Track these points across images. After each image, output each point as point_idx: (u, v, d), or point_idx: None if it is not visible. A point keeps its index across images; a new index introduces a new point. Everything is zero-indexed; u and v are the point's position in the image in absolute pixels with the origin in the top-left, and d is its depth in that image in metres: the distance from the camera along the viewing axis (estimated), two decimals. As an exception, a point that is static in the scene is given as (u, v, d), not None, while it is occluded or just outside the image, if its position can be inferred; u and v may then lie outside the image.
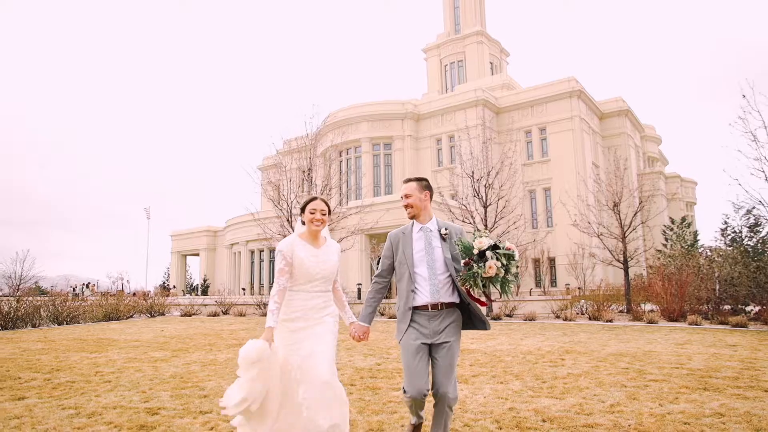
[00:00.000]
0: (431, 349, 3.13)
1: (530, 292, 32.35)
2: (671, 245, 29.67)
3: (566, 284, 31.22)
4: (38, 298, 16.46)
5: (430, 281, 3.11)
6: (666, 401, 4.81)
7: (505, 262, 2.95)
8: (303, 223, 3.29)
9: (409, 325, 3.14)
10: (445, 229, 3.24)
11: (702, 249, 21.99)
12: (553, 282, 34.98)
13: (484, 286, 2.98)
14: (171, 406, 4.80)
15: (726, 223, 16.83)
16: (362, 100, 53.81)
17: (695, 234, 32.75)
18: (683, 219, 33.23)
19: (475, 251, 2.97)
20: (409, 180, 3.35)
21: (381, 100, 40.71)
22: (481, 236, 3.02)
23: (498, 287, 3.00)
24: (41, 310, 14.87)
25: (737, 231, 16.42)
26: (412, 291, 3.14)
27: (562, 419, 4.24)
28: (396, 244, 3.28)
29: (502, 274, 2.95)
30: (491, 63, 52.91)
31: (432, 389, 3.13)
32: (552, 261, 35.32)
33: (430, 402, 3.31)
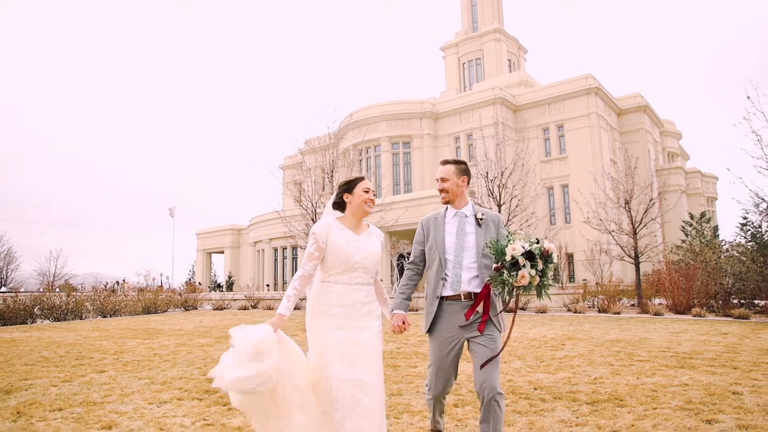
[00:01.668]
0: (469, 342, 2.89)
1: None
2: (690, 240, 29.96)
3: (583, 279, 31.68)
4: (85, 293, 17.79)
5: (454, 269, 2.92)
6: (643, 376, 5.63)
7: (541, 267, 2.68)
8: (337, 206, 2.94)
9: (439, 316, 2.93)
10: (482, 215, 3.02)
11: (723, 244, 22.37)
12: (571, 277, 35.42)
13: (513, 293, 2.73)
14: (225, 377, 5.79)
15: (745, 218, 17.22)
16: (381, 98, 54.74)
17: (715, 229, 32.85)
18: (702, 214, 33.30)
19: (508, 257, 2.67)
20: (446, 162, 3.10)
21: (399, 100, 41.53)
22: (515, 240, 2.73)
23: (534, 292, 2.75)
24: (87, 304, 16.18)
25: (757, 226, 16.79)
26: (443, 279, 2.93)
27: (551, 388, 5.10)
28: (428, 229, 3.09)
29: (536, 282, 2.69)
30: (509, 60, 53.26)
31: (475, 387, 2.85)
32: (570, 257, 35.78)
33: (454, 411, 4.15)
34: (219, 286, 48.99)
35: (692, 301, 14.68)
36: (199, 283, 47.72)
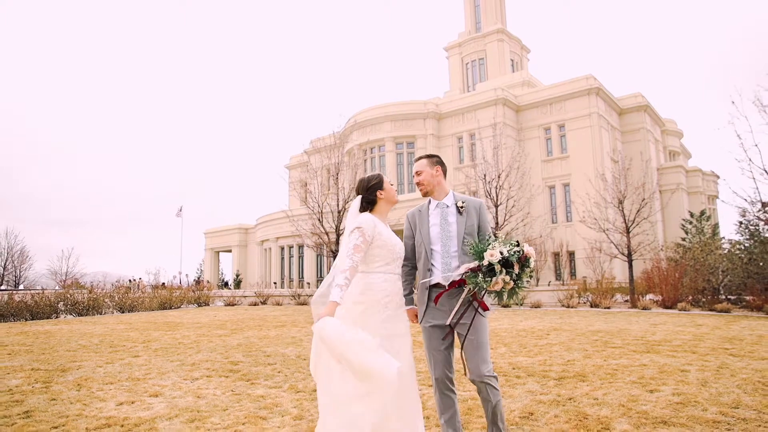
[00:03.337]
0: (456, 331, 2.99)
1: (549, 283, 33.67)
2: (690, 238, 30.61)
3: (583, 276, 32.39)
4: (105, 290, 18.75)
5: (443, 258, 3.01)
6: (611, 359, 6.42)
7: (517, 272, 2.77)
8: (369, 204, 3.06)
9: (427, 306, 3.02)
10: (462, 203, 3.11)
11: (722, 241, 23.02)
12: (573, 275, 36.14)
13: (484, 294, 2.86)
14: (245, 360, 6.64)
15: (743, 216, 17.86)
16: (386, 98, 55.60)
17: (715, 227, 33.46)
18: (702, 212, 33.96)
19: (485, 262, 2.77)
20: (419, 158, 3.25)
21: (403, 101, 42.33)
22: (494, 246, 2.80)
23: (505, 295, 2.87)
24: (107, 300, 17.12)
25: (754, 224, 17.42)
26: (429, 270, 3.03)
27: (527, 368, 5.91)
28: (414, 223, 3.19)
29: (510, 286, 2.79)
30: (512, 60, 53.97)
31: (468, 376, 2.97)
32: (571, 254, 36.50)
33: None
34: (226, 284, 50.02)
35: (681, 296, 15.42)
36: (208, 281, 48.82)
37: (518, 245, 2.81)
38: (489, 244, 2.81)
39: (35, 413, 4.12)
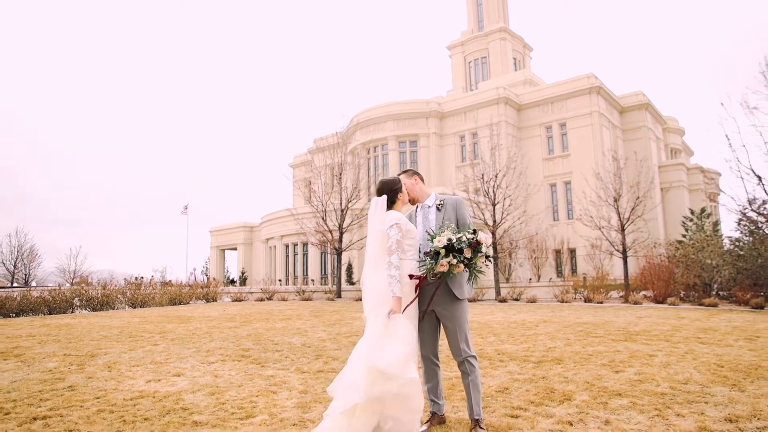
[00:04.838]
0: (439, 318, 3.45)
1: (550, 280, 34.20)
2: (690, 235, 31.08)
3: (583, 273, 32.89)
4: (118, 287, 19.47)
5: (424, 252, 3.40)
6: (589, 346, 7.01)
7: (469, 256, 3.10)
8: (391, 204, 3.45)
9: (416, 294, 3.38)
10: (440, 201, 3.54)
11: (723, 239, 23.47)
12: (574, 272, 36.67)
13: (437, 275, 3.20)
14: (255, 348, 7.27)
15: (743, 213, 18.31)
16: (389, 97, 56.10)
17: (715, 224, 33.89)
18: (702, 209, 34.39)
19: (432, 248, 3.14)
20: (398, 176, 3.73)
21: (406, 100, 42.90)
22: (443, 233, 3.15)
23: (454, 276, 3.22)
24: (120, 296, 17.82)
25: (752, 221, 17.87)
26: (418, 262, 3.44)
27: (511, 353, 6.51)
28: None
29: (461, 269, 3.13)
30: (514, 58, 54.36)
31: (454, 359, 3.45)
32: (573, 251, 37.04)
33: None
34: (232, 281, 50.72)
35: (672, 292, 15.96)
36: (213, 279, 49.55)
37: (474, 233, 3.15)
38: (440, 232, 3.19)
39: (78, 387, 4.76)
